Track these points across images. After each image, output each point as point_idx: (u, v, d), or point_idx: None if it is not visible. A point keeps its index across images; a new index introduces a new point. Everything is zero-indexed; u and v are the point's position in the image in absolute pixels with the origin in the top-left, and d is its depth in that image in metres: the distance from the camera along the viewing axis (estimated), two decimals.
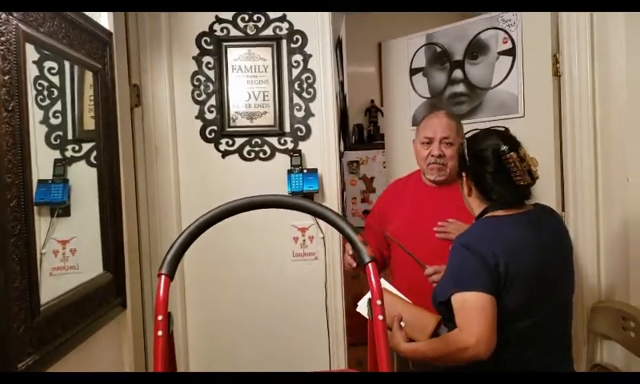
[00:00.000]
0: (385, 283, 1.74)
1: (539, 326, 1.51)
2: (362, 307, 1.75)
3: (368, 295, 1.77)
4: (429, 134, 2.04)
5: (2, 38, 1.08)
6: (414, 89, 2.91)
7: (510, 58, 2.55)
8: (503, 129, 1.70)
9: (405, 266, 2.01)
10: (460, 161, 1.66)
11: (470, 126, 2.67)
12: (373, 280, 1.04)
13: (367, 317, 1.75)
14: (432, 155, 2.02)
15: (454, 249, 1.56)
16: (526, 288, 1.48)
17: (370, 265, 1.04)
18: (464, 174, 1.64)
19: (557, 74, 2.38)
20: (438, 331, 1.60)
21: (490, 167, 1.54)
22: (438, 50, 2.80)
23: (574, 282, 1.66)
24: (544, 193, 2.44)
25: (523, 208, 1.58)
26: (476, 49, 2.67)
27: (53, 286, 1.34)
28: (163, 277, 1.02)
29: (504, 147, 1.52)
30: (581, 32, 2.24)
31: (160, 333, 0.99)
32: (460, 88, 2.73)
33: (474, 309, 1.43)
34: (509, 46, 2.55)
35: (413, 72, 2.92)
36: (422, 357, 1.55)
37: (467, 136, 1.68)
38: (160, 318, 0.99)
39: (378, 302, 1.03)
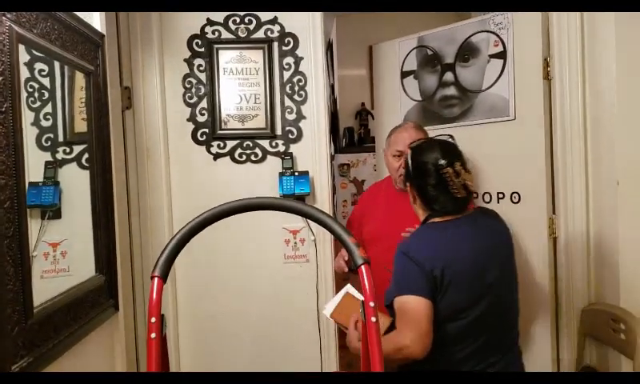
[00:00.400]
0: (350, 288, 1.81)
1: (478, 324, 1.59)
2: (329, 310, 1.82)
3: (335, 298, 1.82)
4: (400, 148, 2.21)
5: None
6: (405, 91, 2.92)
7: (501, 61, 2.56)
8: (449, 137, 1.80)
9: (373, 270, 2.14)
10: (406, 171, 1.77)
11: (462, 129, 2.71)
12: (366, 282, 1.04)
13: (328, 317, 1.80)
14: (403, 168, 2.13)
15: (396, 256, 1.66)
16: (462, 290, 1.57)
17: (363, 267, 1.05)
18: (409, 184, 1.75)
19: (547, 77, 2.40)
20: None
21: (431, 180, 1.64)
22: (429, 52, 2.81)
23: (515, 280, 1.74)
24: (534, 195, 2.48)
25: (464, 212, 1.67)
26: (467, 52, 2.68)
27: (43, 289, 1.33)
28: (156, 279, 1.02)
29: (442, 161, 1.61)
30: (571, 36, 2.27)
31: (153, 335, 0.99)
32: (451, 91, 2.74)
33: (410, 312, 1.52)
34: (500, 49, 2.57)
35: (404, 75, 2.93)
36: None
37: (412, 146, 1.77)
38: (153, 320, 0.99)
39: (371, 304, 1.03)
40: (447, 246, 1.60)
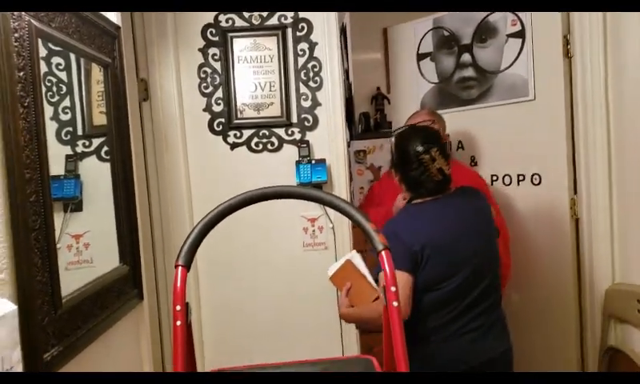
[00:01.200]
0: (355, 256, 1.88)
1: (459, 292, 1.76)
2: (330, 271, 1.89)
3: (338, 262, 1.87)
4: None
5: (16, 34, 1.09)
6: (421, 74, 2.90)
7: (520, 41, 2.53)
8: (431, 123, 1.99)
9: None
10: (390, 157, 1.92)
11: (481, 111, 2.68)
12: (387, 267, 1.05)
13: (329, 278, 1.86)
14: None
15: (382, 233, 1.76)
16: (440, 263, 1.73)
17: (383, 253, 1.05)
18: (394, 169, 1.90)
19: (568, 55, 2.36)
20: None
21: (412, 165, 1.80)
22: (446, 34, 2.78)
23: (496, 251, 1.91)
24: (556, 176, 2.45)
25: (444, 193, 1.83)
26: (484, 32, 2.65)
27: (69, 280, 1.35)
28: (180, 268, 1.03)
29: (419, 148, 1.77)
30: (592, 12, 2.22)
31: (179, 322, 1.00)
32: (469, 72, 2.71)
33: None
34: (518, 28, 2.53)
35: (420, 57, 2.90)
36: (352, 319, 1.91)
37: (395, 133, 1.91)
38: (178, 308, 1.01)
39: (393, 289, 1.05)
40: (426, 225, 1.78)
